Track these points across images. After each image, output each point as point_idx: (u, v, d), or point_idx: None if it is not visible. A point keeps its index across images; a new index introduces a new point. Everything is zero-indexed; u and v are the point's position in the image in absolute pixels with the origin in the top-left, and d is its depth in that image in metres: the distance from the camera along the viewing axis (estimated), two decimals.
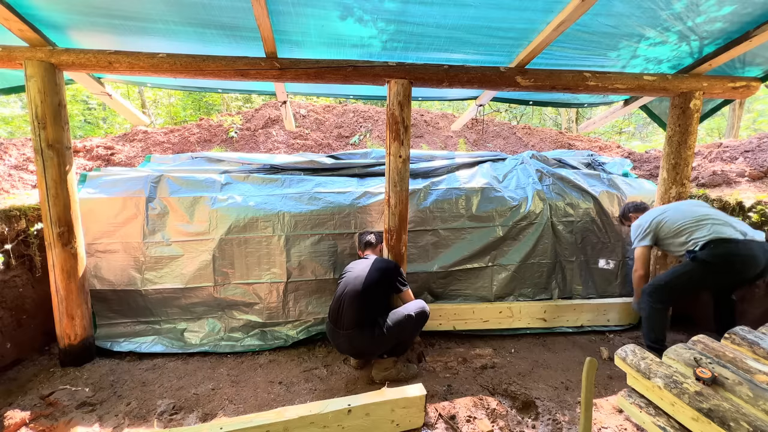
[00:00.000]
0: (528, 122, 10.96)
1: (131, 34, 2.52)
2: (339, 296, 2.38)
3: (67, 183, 2.47)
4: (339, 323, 2.33)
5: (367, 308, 2.31)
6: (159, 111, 8.96)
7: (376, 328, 2.29)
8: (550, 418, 2.11)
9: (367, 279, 2.35)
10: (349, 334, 2.29)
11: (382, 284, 2.41)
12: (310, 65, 2.55)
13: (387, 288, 2.44)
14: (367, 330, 2.28)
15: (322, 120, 6.19)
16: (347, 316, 2.29)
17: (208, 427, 1.73)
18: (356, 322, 2.28)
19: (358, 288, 2.32)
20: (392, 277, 2.45)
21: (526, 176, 3.48)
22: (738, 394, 1.51)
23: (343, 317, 2.30)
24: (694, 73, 2.88)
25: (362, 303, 2.30)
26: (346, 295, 2.33)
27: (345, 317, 2.30)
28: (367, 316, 2.30)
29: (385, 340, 2.30)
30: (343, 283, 2.43)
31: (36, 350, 2.74)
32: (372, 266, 2.44)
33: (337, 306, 2.37)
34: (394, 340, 2.35)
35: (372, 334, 2.27)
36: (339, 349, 2.46)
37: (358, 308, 2.29)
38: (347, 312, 2.30)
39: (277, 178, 3.23)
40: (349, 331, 2.29)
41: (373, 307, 2.34)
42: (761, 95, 7.66)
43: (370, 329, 2.28)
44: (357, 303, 2.30)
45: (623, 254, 3.39)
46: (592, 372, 1.36)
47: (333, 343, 2.45)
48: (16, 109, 7.53)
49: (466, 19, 2.35)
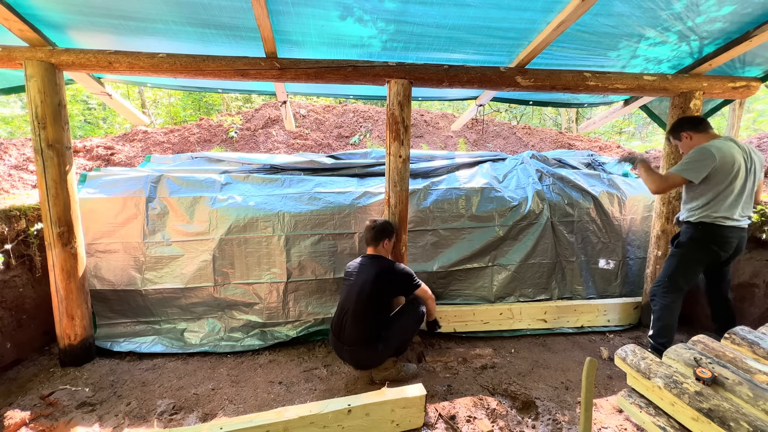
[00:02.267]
0: (528, 122, 10.96)
1: (131, 34, 2.52)
2: (341, 309, 2.33)
3: (67, 183, 2.47)
4: (341, 337, 2.29)
5: (370, 326, 2.26)
6: (159, 111, 8.95)
7: (380, 343, 2.28)
8: (550, 418, 2.11)
9: (370, 292, 2.24)
10: (352, 351, 2.28)
11: (388, 295, 2.34)
12: (310, 65, 2.55)
13: (393, 296, 2.39)
14: (372, 345, 2.27)
15: (322, 120, 6.19)
16: (349, 333, 2.26)
17: (208, 427, 1.73)
18: (359, 340, 2.26)
19: (361, 305, 2.24)
20: (402, 286, 2.35)
21: (526, 176, 3.48)
22: (738, 394, 1.51)
23: (346, 333, 2.27)
24: (694, 73, 2.88)
25: (365, 321, 2.25)
26: (349, 312, 2.27)
27: (347, 333, 2.26)
28: (371, 333, 2.27)
29: (388, 351, 2.31)
30: (347, 292, 2.35)
31: (36, 350, 2.74)
32: (377, 276, 2.26)
33: (339, 320, 2.32)
34: (396, 348, 2.36)
35: (375, 349, 2.27)
36: (342, 359, 2.45)
37: (361, 327, 2.25)
38: (350, 329, 2.25)
39: (277, 178, 3.23)
40: (352, 348, 2.27)
41: (376, 323, 2.28)
42: (761, 95, 7.66)
43: (374, 345, 2.27)
44: (360, 322, 2.24)
45: (623, 254, 3.39)
46: (592, 372, 1.35)
47: (336, 353, 2.43)
48: (16, 109, 7.53)
49: (466, 19, 2.35)
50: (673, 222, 2.74)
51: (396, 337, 2.32)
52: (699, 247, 2.46)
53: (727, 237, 2.38)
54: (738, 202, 2.36)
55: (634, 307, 3.22)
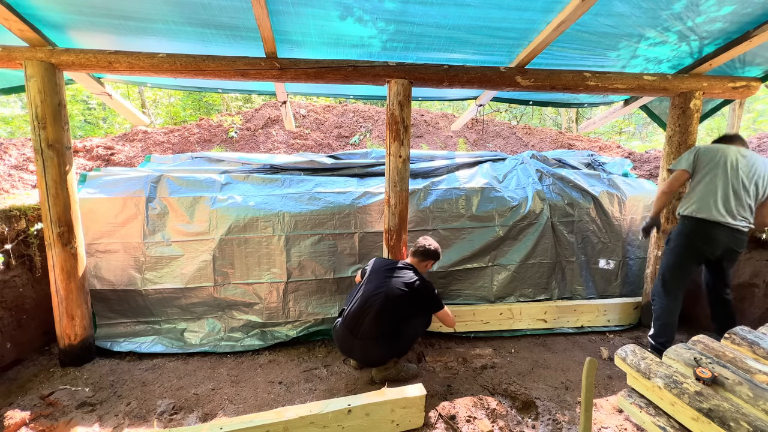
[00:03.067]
0: (528, 122, 10.96)
1: (131, 34, 2.52)
2: (364, 303, 2.28)
3: (67, 183, 2.47)
4: (356, 331, 2.27)
5: (389, 326, 2.28)
6: (159, 111, 8.95)
7: (393, 341, 2.29)
8: (550, 418, 2.11)
9: (401, 301, 2.26)
10: (365, 345, 2.27)
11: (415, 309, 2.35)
12: (310, 65, 2.55)
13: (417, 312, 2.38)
14: (385, 342, 2.28)
15: (322, 120, 6.19)
16: (367, 329, 2.25)
17: (208, 427, 1.73)
18: (376, 335, 2.25)
19: (391, 305, 2.24)
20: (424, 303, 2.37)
21: (526, 176, 3.48)
22: (738, 394, 1.51)
23: (363, 327, 2.26)
24: (694, 73, 2.88)
25: (386, 322, 2.26)
26: (373, 309, 2.25)
27: (365, 328, 2.25)
28: (389, 331, 2.28)
29: (396, 351, 2.33)
30: (374, 288, 2.31)
31: (36, 350, 2.74)
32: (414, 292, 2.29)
33: (358, 314, 2.28)
34: (402, 349, 2.38)
35: (389, 346, 2.29)
36: (346, 354, 2.44)
37: (381, 326, 2.25)
38: (369, 325, 2.25)
39: (277, 178, 3.22)
40: (365, 342, 2.26)
41: (396, 325, 2.31)
42: (761, 95, 7.66)
43: (387, 342, 2.28)
44: (382, 321, 2.24)
45: (623, 254, 3.39)
46: (592, 372, 1.35)
47: (340, 347, 2.41)
48: (16, 109, 7.53)
49: (466, 19, 2.35)
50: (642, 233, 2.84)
51: (406, 339, 2.35)
52: (684, 242, 2.50)
53: (711, 234, 2.40)
54: (728, 200, 2.37)
55: (634, 307, 3.22)
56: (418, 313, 2.38)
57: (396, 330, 2.31)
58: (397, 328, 2.31)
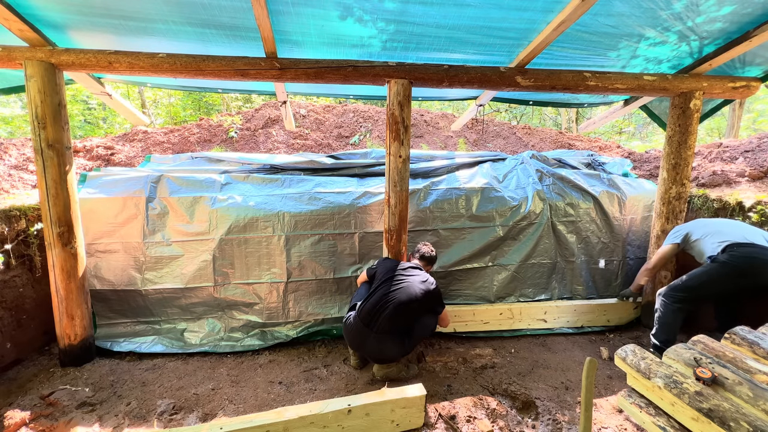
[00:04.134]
0: (528, 122, 10.96)
1: (131, 34, 2.52)
2: (382, 298, 2.34)
3: (67, 183, 2.47)
4: (373, 324, 2.31)
5: (408, 322, 2.37)
6: (159, 111, 8.95)
7: (406, 338, 2.35)
8: (550, 418, 2.11)
9: (419, 296, 2.34)
10: (381, 338, 2.29)
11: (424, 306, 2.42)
12: (310, 65, 2.55)
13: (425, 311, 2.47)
14: (399, 338, 2.33)
15: (322, 120, 6.19)
16: (385, 323, 2.29)
17: (208, 427, 1.73)
18: (394, 329, 2.31)
19: (412, 300, 2.32)
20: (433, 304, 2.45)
21: (526, 176, 3.48)
22: (738, 394, 1.51)
23: (380, 321, 2.29)
24: (694, 73, 2.88)
25: (408, 315, 2.34)
26: (395, 301, 2.31)
27: (382, 322, 2.29)
28: (405, 326, 2.36)
29: (406, 349, 2.36)
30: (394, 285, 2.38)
31: (36, 350, 2.74)
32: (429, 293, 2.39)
33: (377, 307, 2.32)
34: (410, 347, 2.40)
35: (402, 341, 2.34)
36: (355, 348, 2.45)
37: (403, 316, 2.32)
38: (390, 316, 2.28)
39: (277, 178, 3.22)
40: (381, 335, 2.29)
41: (412, 322, 2.40)
42: (761, 95, 7.66)
43: (400, 338, 2.33)
44: (404, 312, 2.31)
45: (623, 254, 3.39)
46: (592, 372, 1.35)
47: (350, 340, 2.42)
48: (16, 109, 7.53)
49: (466, 19, 2.35)
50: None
51: (415, 338, 2.39)
52: (731, 272, 2.37)
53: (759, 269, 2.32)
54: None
55: (634, 307, 3.22)
56: (427, 312, 2.45)
57: (409, 328, 2.38)
58: (411, 325, 2.39)
